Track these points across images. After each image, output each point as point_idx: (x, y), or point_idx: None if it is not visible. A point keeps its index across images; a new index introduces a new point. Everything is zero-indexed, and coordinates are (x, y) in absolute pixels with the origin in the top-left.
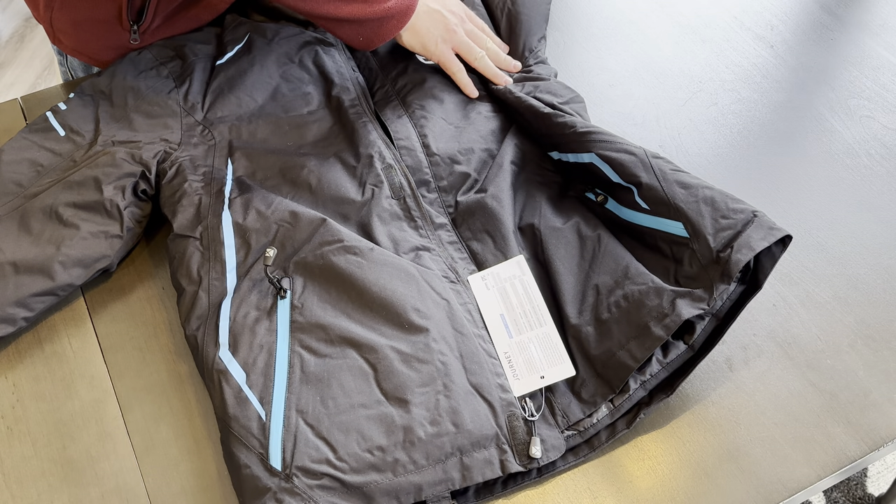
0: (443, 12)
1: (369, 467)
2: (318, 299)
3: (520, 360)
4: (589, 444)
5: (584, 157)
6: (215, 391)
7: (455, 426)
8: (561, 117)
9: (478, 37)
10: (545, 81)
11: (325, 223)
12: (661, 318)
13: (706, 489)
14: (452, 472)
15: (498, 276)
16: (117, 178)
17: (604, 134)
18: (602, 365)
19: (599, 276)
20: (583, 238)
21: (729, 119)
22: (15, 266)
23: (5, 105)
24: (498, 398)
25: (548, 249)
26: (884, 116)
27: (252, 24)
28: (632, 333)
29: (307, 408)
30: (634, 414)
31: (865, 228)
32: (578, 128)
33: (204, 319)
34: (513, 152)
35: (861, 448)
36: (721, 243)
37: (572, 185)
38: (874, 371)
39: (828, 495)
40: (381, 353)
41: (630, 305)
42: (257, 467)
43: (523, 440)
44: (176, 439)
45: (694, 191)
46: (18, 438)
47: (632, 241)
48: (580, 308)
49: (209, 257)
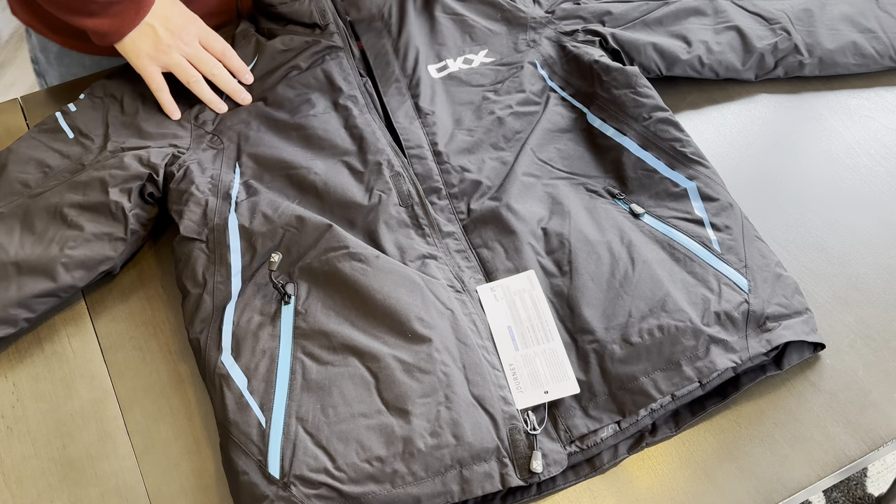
0: (157, 29)
1: (368, 478)
2: (322, 306)
3: (524, 373)
4: (590, 464)
5: (646, 155)
6: (216, 396)
7: (455, 438)
8: (666, 120)
9: (202, 60)
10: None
11: (330, 229)
12: (693, 360)
13: (706, 489)
14: (452, 484)
15: (507, 288)
16: (123, 181)
17: (704, 166)
18: (619, 385)
19: (633, 300)
20: (615, 257)
21: (729, 119)
22: (17, 266)
23: (5, 105)
24: (500, 410)
25: (576, 261)
26: (884, 116)
27: (258, 44)
28: (660, 365)
29: (307, 415)
30: (637, 441)
31: (865, 228)
32: (685, 148)
33: (208, 323)
34: (529, 159)
35: (861, 448)
36: (772, 314)
37: (594, 180)
38: (874, 371)
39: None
40: (383, 362)
41: (664, 338)
42: (255, 474)
43: (524, 454)
44: (176, 439)
45: (767, 262)
46: (18, 438)
47: (669, 259)
48: (608, 325)
49: (215, 260)
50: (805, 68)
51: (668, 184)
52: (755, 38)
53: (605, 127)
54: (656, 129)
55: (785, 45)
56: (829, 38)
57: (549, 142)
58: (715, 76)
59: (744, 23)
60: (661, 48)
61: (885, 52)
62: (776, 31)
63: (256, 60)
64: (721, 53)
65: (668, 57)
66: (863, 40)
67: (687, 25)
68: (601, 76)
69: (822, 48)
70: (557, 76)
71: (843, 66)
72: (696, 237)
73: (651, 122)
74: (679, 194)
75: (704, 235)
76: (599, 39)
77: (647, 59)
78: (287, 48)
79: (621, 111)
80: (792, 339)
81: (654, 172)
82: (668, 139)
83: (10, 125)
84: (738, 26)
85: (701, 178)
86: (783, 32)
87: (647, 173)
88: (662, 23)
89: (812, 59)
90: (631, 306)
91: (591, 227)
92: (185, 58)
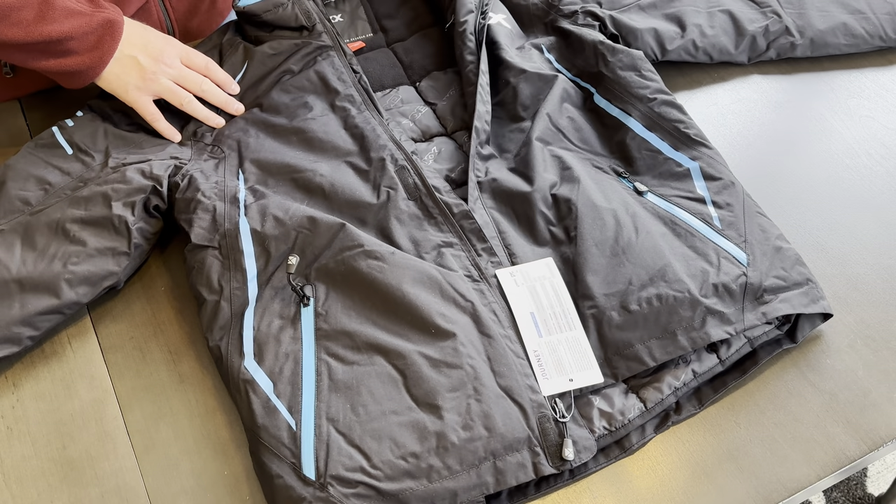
0: (139, 59)
1: (404, 474)
2: (342, 306)
3: (549, 360)
4: (620, 445)
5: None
6: (242, 401)
7: (487, 430)
8: (669, 104)
9: (189, 80)
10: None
11: (344, 228)
12: (688, 330)
13: (706, 489)
14: (486, 476)
15: (527, 274)
16: (127, 195)
17: (707, 147)
18: (615, 351)
19: (634, 268)
20: (620, 224)
21: (729, 119)
22: (20, 284)
23: (5, 105)
24: (528, 400)
25: (582, 227)
26: (884, 116)
27: (247, 50)
28: (656, 334)
29: (338, 416)
30: (663, 420)
31: (865, 228)
32: (689, 130)
33: (227, 329)
34: (545, 124)
35: (861, 448)
36: (769, 286)
37: (600, 158)
38: (874, 371)
39: (828, 495)
40: (409, 359)
41: (662, 307)
42: (290, 477)
43: (555, 442)
44: (176, 439)
45: (768, 236)
46: (18, 438)
47: (670, 234)
48: (608, 291)
49: (229, 266)
50: (797, 49)
51: (671, 164)
52: (746, 20)
53: (611, 107)
54: (660, 111)
55: (776, 27)
56: (819, 19)
57: (562, 110)
58: (709, 59)
59: (735, 6)
60: (656, 33)
61: (875, 33)
62: (767, 13)
63: (246, 67)
64: (715, 37)
65: (664, 42)
66: (853, 21)
67: (681, 8)
68: (606, 56)
69: (812, 29)
70: (564, 59)
71: (835, 47)
72: (697, 214)
73: (655, 103)
74: (682, 174)
75: (706, 212)
76: (599, 24)
77: (643, 44)
78: (276, 52)
79: (626, 92)
80: (788, 313)
81: (658, 153)
82: (672, 120)
83: (10, 125)
84: (729, 10)
85: (704, 158)
86: (774, 15)
87: (651, 154)
88: (657, 6)
89: (803, 41)
90: (632, 274)
91: (598, 195)
92: (173, 80)
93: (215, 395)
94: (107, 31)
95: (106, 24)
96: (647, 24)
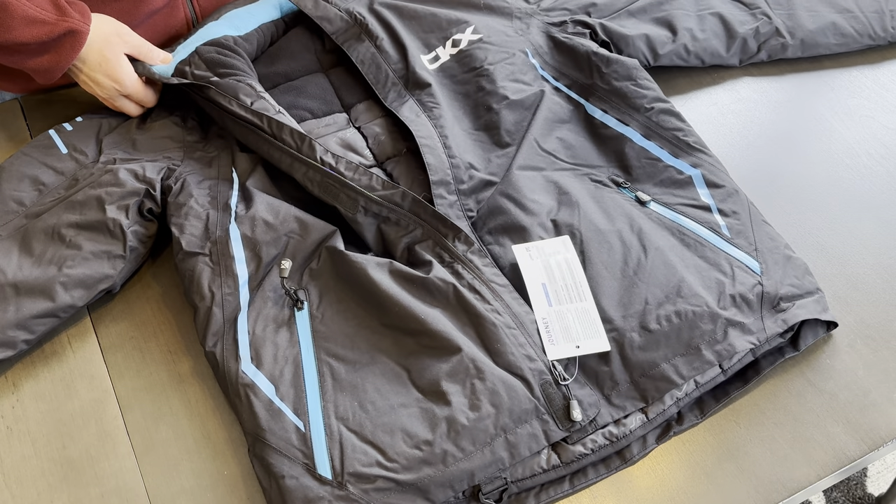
0: (100, 83)
1: (420, 462)
2: (337, 307)
3: (557, 327)
4: (621, 456)
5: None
6: (242, 405)
7: (494, 407)
8: (667, 111)
9: (125, 92)
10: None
11: (334, 233)
12: (712, 344)
13: (705, 489)
14: (500, 451)
15: (542, 250)
16: (120, 198)
17: (707, 154)
18: (641, 373)
19: (648, 288)
20: (627, 245)
21: (729, 119)
22: (16, 288)
23: (5, 105)
24: (528, 369)
25: (589, 251)
26: (884, 116)
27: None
28: (680, 350)
29: (347, 414)
30: (665, 430)
31: (865, 228)
32: (688, 138)
33: (220, 335)
34: (532, 150)
35: (861, 448)
36: (785, 295)
37: (598, 170)
38: (874, 371)
39: (828, 495)
40: (409, 353)
41: (682, 323)
42: (304, 477)
43: (561, 405)
44: (176, 439)
45: (777, 244)
46: (18, 438)
47: (679, 245)
48: (625, 313)
49: (220, 272)
50: (788, 50)
51: (672, 171)
52: (737, 23)
53: (607, 118)
54: (658, 120)
55: (766, 28)
56: (808, 19)
57: (550, 131)
58: (701, 63)
59: (724, 9)
60: (648, 39)
61: (864, 31)
62: (756, 15)
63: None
64: (706, 41)
65: (656, 47)
66: (842, 20)
67: (672, 12)
68: (601, 67)
69: (803, 30)
70: (549, 66)
71: (825, 47)
72: (704, 223)
73: (653, 112)
74: (684, 181)
75: (713, 221)
76: (590, 32)
77: (635, 50)
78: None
79: (623, 102)
80: (807, 318)
81: (658, 161)
82: (671, 128)
83: (10, 125)
84: (719, 12)
85: (705, 165)
86: (763, 17)
87: (651, 162)
88: (647, 11)
89: (794, 41)
90: (647, 293)
91: (600, 217)
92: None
93: (215, 396)
94: (67, 41)
95: (68, 34)
96: (638, 30)
